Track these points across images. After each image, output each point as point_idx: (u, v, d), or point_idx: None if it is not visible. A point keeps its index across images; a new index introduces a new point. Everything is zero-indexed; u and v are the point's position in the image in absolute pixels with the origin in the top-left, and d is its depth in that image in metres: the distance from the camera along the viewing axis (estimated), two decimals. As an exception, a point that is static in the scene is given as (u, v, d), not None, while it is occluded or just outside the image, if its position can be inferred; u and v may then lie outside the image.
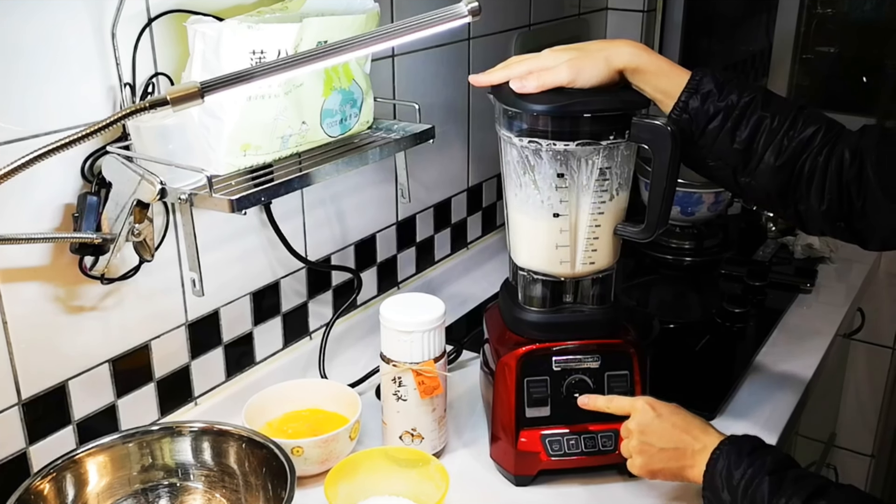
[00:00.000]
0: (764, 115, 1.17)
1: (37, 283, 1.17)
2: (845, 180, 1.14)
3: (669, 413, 1.23)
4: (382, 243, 1.80)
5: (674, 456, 1.21)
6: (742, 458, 1.12)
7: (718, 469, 1.13)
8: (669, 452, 1.21)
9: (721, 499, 1.12)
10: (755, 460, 1.11)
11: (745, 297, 1.94)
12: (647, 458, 1.23)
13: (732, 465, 1.12)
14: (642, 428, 1.23)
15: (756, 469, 1.09)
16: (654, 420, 1.23)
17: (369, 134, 1.44)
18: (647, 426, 1.23)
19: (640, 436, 1.23)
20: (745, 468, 1.10)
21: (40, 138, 1.11)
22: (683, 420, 1.23)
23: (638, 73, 1.21)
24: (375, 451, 1.31)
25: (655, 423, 1.23)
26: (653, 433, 1.22)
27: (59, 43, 1.12)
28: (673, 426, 1.22)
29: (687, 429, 1.21)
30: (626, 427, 1.26)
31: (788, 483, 1.06)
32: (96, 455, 1.17)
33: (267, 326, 1.56)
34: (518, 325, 1.35)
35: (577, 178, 1.25)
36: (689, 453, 1.19)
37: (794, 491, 1.05)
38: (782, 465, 1.10)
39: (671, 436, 1.21)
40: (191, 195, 1.14)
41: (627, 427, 1.26)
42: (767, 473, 1.08)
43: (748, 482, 1.09)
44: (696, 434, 1.20)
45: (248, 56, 1.17)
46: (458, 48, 1.89)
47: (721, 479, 1.12)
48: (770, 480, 1.07)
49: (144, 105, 0.93)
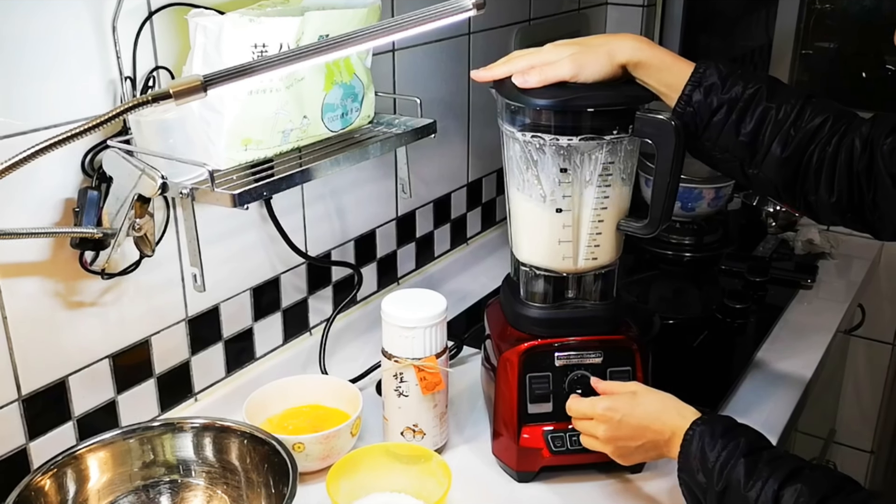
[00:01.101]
0: (769, 107, 1.16)
1: (37, 278, 1.16)
2: (855, 171, 1.13)
3: (630, 408, 1.22)
4: (382, 239, 1.80)
5: (650, 448, 1.20)
6: (716, 439, 1.10)
7: (693, 451, 1.12)
8: (645, 446, 1.20)
9: (697, 480, 1.10)
10: (729, 441, 1.09)
11: (746, 293, 1.93)
12: (619, 454, 1.24)
13: (707, 447, 1.10)
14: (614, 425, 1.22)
15: (731, 451, 1.08)
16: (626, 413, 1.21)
17: (370, 128, 1.44)
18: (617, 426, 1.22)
19: (611, 431, 1.22)
20: (720, 450, 1.09)
21: (41, 132, 1.11)
22: (648, 409, 1.21)
23: (641, 67, 1.20)
24: (377, 448, 1.30)
25: (627, 416, 1.21)
26: (624, 429, 1.21)
27: (60, 37, 1.11)
28: (643, 419, 1.20)
29: (656, 417, 1.19)
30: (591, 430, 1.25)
31: (763, 465, 1.05)
32: (97, 451, 1.17)
33: (267, 322, 1.55)
34: (520, 321, 1.35)
35: (580, 174, 1.24)
36: (664, 441, 1.18)
37: (769, 473, 1.04)
38: (757, 447, 1.09)
39: (641, 433, 1.20)
40: (192, 190, 1.13)
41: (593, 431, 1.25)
42: (742, 455, 1.07)
43: (723, 464, 1.07)
44: (667, 419, 1.18)
45: (250, 50, 1.17)
46: (458, 43, 1.89)
47: (696, 462, 1.11)
48: (745, 462, 1.06)
49: (147, 98, 0.92)
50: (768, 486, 1.03)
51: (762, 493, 1.03)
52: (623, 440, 1.21)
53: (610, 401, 1.24)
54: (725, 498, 1.07)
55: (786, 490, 1.02)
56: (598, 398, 1.25)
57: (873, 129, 1.12)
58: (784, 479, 1.02)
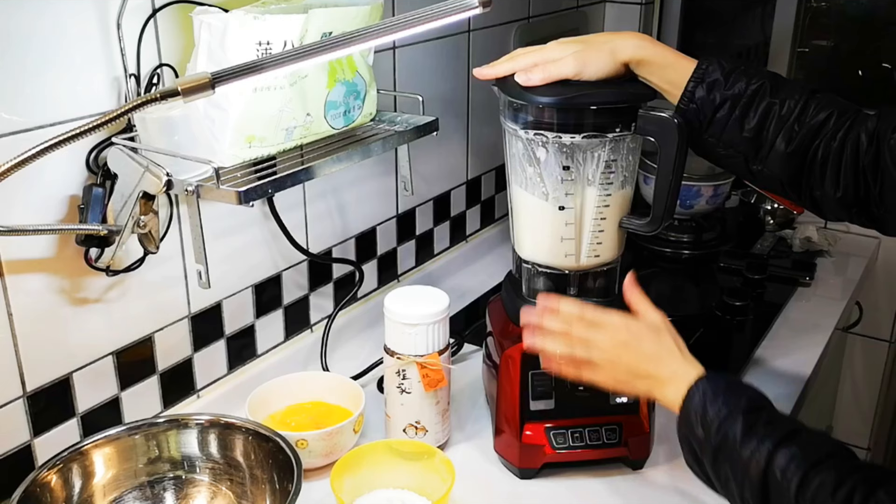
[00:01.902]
0: (773, 102, 1.17)
1: (42, 274, 1.16)
2: (861, 165, 1.13)
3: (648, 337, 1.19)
4: (382, 236, 1.80)
5: (643, 378, 1.18)
6: (718, 395, 1.09)
7: (694, 405, 1.11)
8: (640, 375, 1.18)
9: (695, 434, 1.10)
10: (731, 398, 1.09)
11: (745, 290, 1.94)
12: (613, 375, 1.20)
13: (708, 403, 1.09)
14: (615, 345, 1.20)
15: (731, 407, 1.07)
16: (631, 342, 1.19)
17: (372, 126, 1.44)
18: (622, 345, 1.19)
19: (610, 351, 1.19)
20: (721, 406, 1.08)
21: (46, 129, 1.11)
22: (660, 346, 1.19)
23: (644, 65, 1.20)
24: (380, 444, 1.30)
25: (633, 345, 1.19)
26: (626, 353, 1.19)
27: (65, 34, 1.12)
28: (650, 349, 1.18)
29: (664, 354, 1.18)
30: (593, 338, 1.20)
31: (762, 424, 1.05)
32: (102, 447, 1.17)
33: (268, 319, 1.56)
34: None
35: (582, 171, 1.24)
36: (658, 378, 1.16)
37: (766, 433, 1.03)
38: (757, 406, 1.08)
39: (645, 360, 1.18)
40: (197, 187, 1.13)
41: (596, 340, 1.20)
42: (742, 413, 1.06)
43: (723, 420, 1.07)
44: (667, 362, 1.17)
45: (254, 47, 1.17)
46: (458, 40, 1.89)
47: (696, 416, 1.10)
48: (744, 420, 1.05)
49: (155, 96, 0.92)
50: (763, 446, 1.02)
51: (756, 452, 1.02)
52: (623, 363, 1.19)
53: (630, 319, 1.21)
54: (720, 453, 1.07)
55: (780, 451, 1.01)
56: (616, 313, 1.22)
57: (879, 122, 1.12)
58: (780, 440, 1.02)
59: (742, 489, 1.04)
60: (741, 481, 1.04)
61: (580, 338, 1.21)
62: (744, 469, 1.03)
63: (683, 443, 1.13)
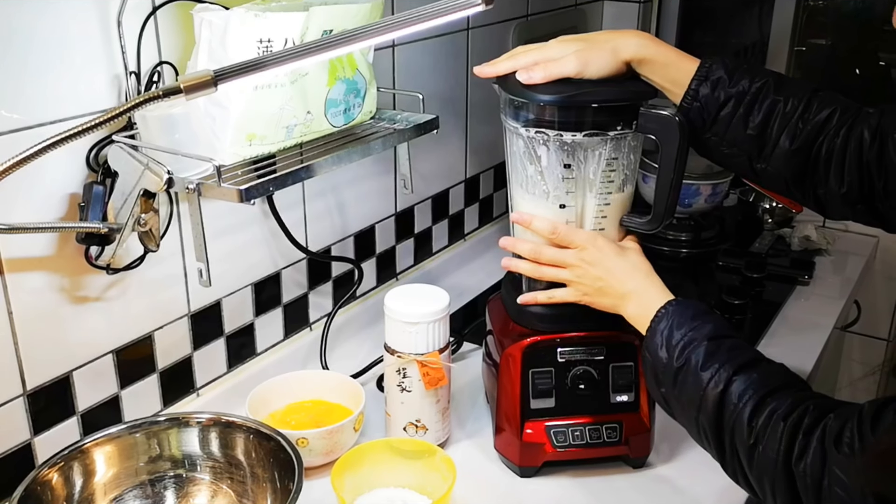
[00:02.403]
0: (777, 100, 1.17)
1: (42, 272, 1.16)
2: (865, 161, 1.13)
3: (615, 254, 1.24)
4: (381, 234, 1.80)
5: (608, 294, 1.23)
6: (685, 320, 1.12)
7: (661, 329, 1.14)
8: (605, 291, 1.23)
9: (658, 356, 1.12)
10: (697, 324, 1.11)
11: (743, 289, 1.94)
12: (581, 290, 1.26)
13: (675, 326, 1.12)
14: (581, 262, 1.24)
15: (696, 332, 1.10)
16: (598, 259, 1.24)
17: (372, 124, 1.44)
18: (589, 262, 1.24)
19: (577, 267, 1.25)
20: (687, 330, 1.11)
21: (46, 127, 1.11)
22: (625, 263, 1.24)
23: (646, 64, 1.20)
24: (380, 443, 1.30)
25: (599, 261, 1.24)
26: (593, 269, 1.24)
27: (66, 32, 1.11)
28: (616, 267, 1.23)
29: (630, 272, 1.23)
30: (560, 257, 1.26)
31: (723, 351, 1.08)
32: (104, 445, 1.17)
33: (268, 317, 1.55)
34: (522, 317, 1.35)
35: (583, 169, 1.24)
36: (623, 295, 1.21)
37: (727, 359, 1.06)
38: (722, 334, 1.11)
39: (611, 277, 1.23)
40: (198, 185, 1.13)
41: (565, 258, 1.26)
42: (707, 338, 1.09)
43: (686, 344, 1.10)
44: (631, 279, 1.22)
45: (255, 45, 1.17)
46: (457, 38, 1.89)
47: (661, 338, 1.13)
48: (707, 345, 1.08)
49: (158, 93, 0.92)
50: (724, 370, 1.05)
51: (716, 375, 1.05)
52: (588, 276, 1.24)
53: (599, 236, 1.26)
54: (680, 375, 1.09)
55: (739, 376, 1.04)
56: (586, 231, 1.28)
57: (883, 119, 1.13)
58: (740, 366, 1.05)
59: (698, 412, 1.08)
60: (698, 404, 1.07)
61: (550, 257, 1.27)
62: (701, 393, 1.07)
63: (646, 365, 1.17)
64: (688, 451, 1.40)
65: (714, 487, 1.31)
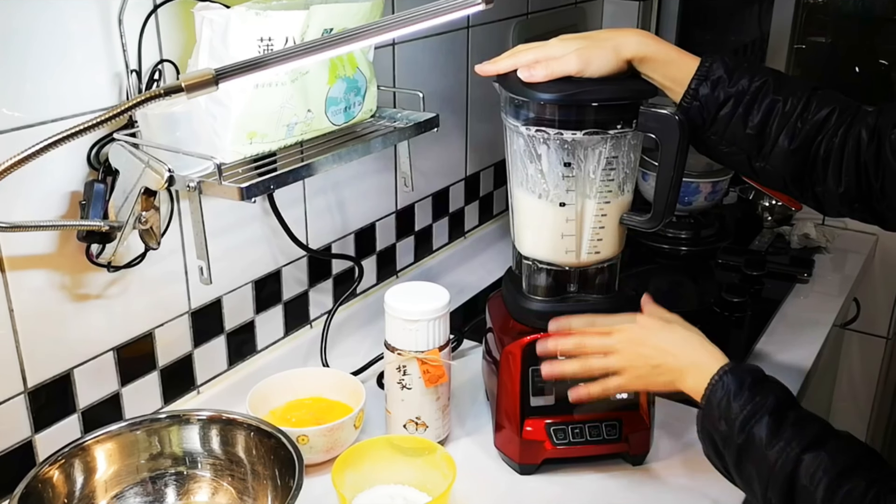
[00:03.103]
0: (776, 99, 1.17)
1: (43, 270, 1.16)
2: (863, 160, 1.13)
3: (661, 329, 1.22)
4: (382, 232, 1.80)
5: (664, 371, 1.19)
6: (743, 390, 1.09)
7: (717, 399, 1.10)
8: (661, 369, 1.19)
9: (718, 428, 1.09)
10: (756, 395, 1.08)
11: (743, 286, 1.95)
12: (634, 374, 1.21)
13: (733, 397, 1.09)
14: (629, 343, 1.22)
15: (757, 405, 1.07)
16: (645, 337, 1.21)
17: (372, 122, 1.44)
18: (637, 343, 1.21)
19: (626, 350, 1.21)
20: (745, 402, 1.07)
21: (47, 125, 1.11)
22: (674, 335, 1.21)
23: (646, 62, 1.21)
24: (381, 440, 1.31)
25: (647, 339, 1.21)
26: (643, 349, 1.21)
27: (66, 30, 1.11)
28: (665, 341, 1.20)
29: (681, 343, 1.20)
30: (607, 343, 1.23)
31: (789, 425, 1.04)
32: (104, 442, 1.17)
33: (268, 315, 1.56)
34: (522, 314, 1.35)
35: (583, 168, 1.24)
36: (679, 369, 1.17)
37: (793, 435, 1.03)
38: (784, 405, 1.08)
39: (664, 353, 1.19)
40: (199, 183, 1.13)
41: (612, 344, 1.22)
42: (768, 412, 1.06)
43: (747, 417, 1.06)
44: (684, 351, 1.18)
45: (256, 43, 1.17)
46: (457, 37, 1.89)
47: (719, 410, 1.09)
48: (770, 420, 1.05)
49: (159, 92, 0.92)
50: (791, 449, 1.02)
51: (783, 454, 1.02)
52: (641, 358, 1.20)
53: (640, 316, 1.24)
54: (745, 452, 1.06)
55: (807, 455, 1.01)
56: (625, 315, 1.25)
57: (880, 118, 1.13)
58: (808, 444, 1.02)
59: (766, 490, 1.05)
60: (765, 482, 1.04)
61: (595, 346, 1.23)
62: (769, 471, 1.04)
63: (704, 436, 1.14)
64: (687, 449, 1.40)
65: (713, 485, 1.31)
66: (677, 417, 1.47)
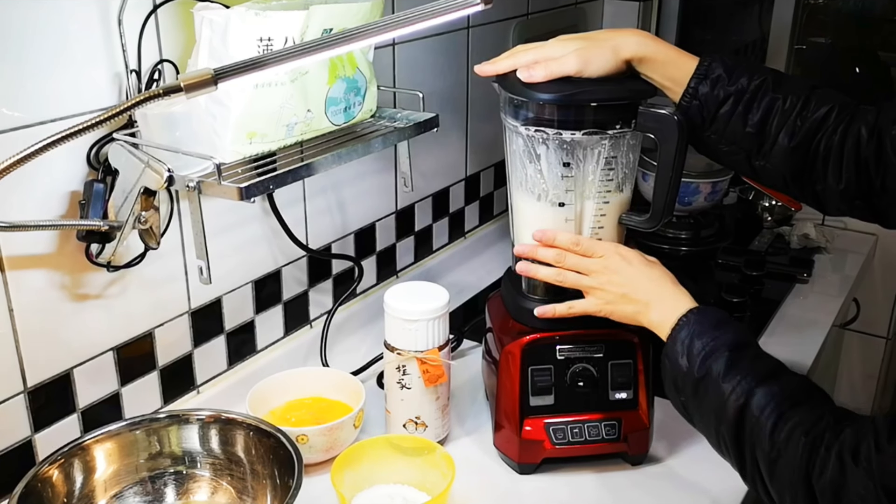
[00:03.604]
0: (776, 97, 1.17)
1: (43, 270, 1.16)
2: (863, 158, 1.13)
3: (639, 263, 1.24)
4: (382, 232, 1.80)
5: (632, 301, 1.22)
6: (706, 329, 1.12)
7: (682, 337, 1.13)
8: (629, 298, 1.22)
9: (679, 364, 1.12)
10: (719, 334, 1.11)
11: (743, 286, 1.95)
12: (603, 298, 1.24)
13: (695, 335, 1.12)
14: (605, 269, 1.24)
15: (718, 342, 1.10)
16: (622, 267, 1.24)
17: (372, 122, 1.44)
18: (613, 270, 1.24)
19: (601, 274, 1.24)
20: (708, 340, 1.11)
21: (47, 125, 1.11)
22: (650, 271, 1.23)
23: (646, 63, 1.21)
24: (380, 440, 1.31)
25: (624, 269, 1.23)
26: (617, 276, 1.23)
27: (66, 30, 1.11)
28: (640, 274, 1.23)
29: (655, 280, 1.22)
30: (584, 263, 1.25)
31: (746, 361, 1.07)
32: (104, 442, 1.17)
33: (268, 315, 1.56)
34: (521, 314, 1.35)
35: (582, 168, 1.25)
36: (647, 302, 1.20)
37: (749, 370, 1.06)
38: (743, 343, 1.11)
39: (636, 284, 1.22)
40: (199, 183, 1.13)
41: (589, 265, 1.25)
42: (728, 349, 1.09)
43: (708, 353, 1.09)
44: (655, 286, 1.21)
45: (256, 43, 1.17)
46: (457, 37, 1.89)
47: (682, 347, 1.12)
48: (729, 355, 1.08)
49: (158, 92, 0.92)
50: (745, 382, 1.05)
51: (738, 387, 1.05)
52: (613, 284, 1.23)
53: (622, 246, 1.26)
54: (701, 385, 1.09)
55: (760, 388, 1.04)
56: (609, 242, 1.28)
57: (880, 116, 1.13)
58: (762, 378, 1.05)
59: (719, 423, 1.08)
60: (718, 415, 1.07)
61: (573, 264, 1.26)
62: (722, 403, 1.06)
63: (666, 373, 1.16)
64: (686, 449, 1.40)
65: (713, 484, 1.32)
66: (677, 417, 1.46)
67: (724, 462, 1.12)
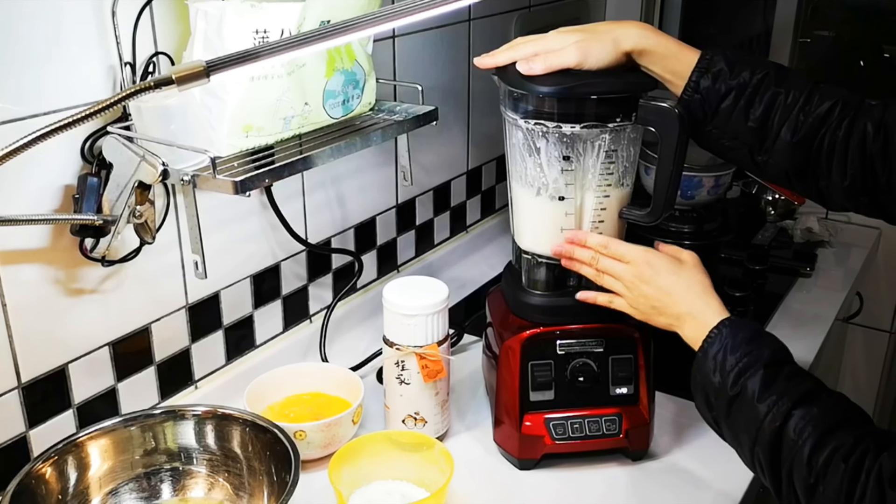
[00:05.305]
0: (778, 92, 1.16)
1: (37, 265, 1.15)
2: (869, 154, 1.12)
3: (667, 272, 1.22)
4: (382, 226, 1.79)
5: (663, 314, 1.20)
6: (739, 344, 1.09)
7: (713, 352, 1.10)
8: (660, 311, 1.20)
9: (711, 380, 1.10)
10: (752, 349, 1.08)
11: (746, 280, 1.94)
12: (636, 307, 1.23)
13: (728, 351, 1.09)
14: (635, 279, 1.23)
15: (752, 359, 1.07)
16: (650, 277, 1.21)
17: (371, 115, 1.43)
18: (643, 280, 1.22)
19: (631, 285, 1.23)
20: (741, 356, 1.08)
21: (40, 118, 1.10)
22: (679, 280, 1.21)
23: (646, 55, 1.19)
24: (379, 436, 1.30)
25: (652, 280, 1.21)
26: (646, 288, 1.21)
27: (59, 22, 1.11)
28: (668, 285, 1.20)
29: (683, 290, 1.20)
30: (617, 269, 1.24)
31: (782, 379, 1.04)
32: (98, 438, 1.16)
33: (267, 310, 1.55)
34: (522, 309, 1.34)
35: (582, 161, 1.23)
36: (678, 315, 1.18)
37: (785, 389, 1.03)
38: (779, 360, 1.08)
39: (664, 298, 1.20)
40: (193, 177, 1.12)
41: (621, 273, 1.24)
42: (763, 366, 1.06)
43: (742, 370, 1.06)
44: (684, 299, 1.19)
45: (251, 35, 1.16)
46: (458, 29, 1.88)
47: (714, 362, 1.10)
48: (764, 373, 1.05)
49: (150, 84, 0.91)
50: (782, 403, 1.02)
51: (774, 408, 1.02)
52: (643, 296, 1.22)
53: (652, 253, 1.24)
54: (736, 404, 1.07)
55: (798, 410, 1.01)
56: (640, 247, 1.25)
57: (887, 112, 1.11)
58: (799, 399, 1.02)
59: (753, 443, 1.05)
60: (753, 436, 1.04)
61: (606, 267, 1.25)
62: (758, 424, 1.04)
63: (696, 387, 1.14)
64: (687, 444, 1.39)
65: (713, 479, 1.31)
66: (677, 412, 1.46)
67: (724, 458, 1.11)
